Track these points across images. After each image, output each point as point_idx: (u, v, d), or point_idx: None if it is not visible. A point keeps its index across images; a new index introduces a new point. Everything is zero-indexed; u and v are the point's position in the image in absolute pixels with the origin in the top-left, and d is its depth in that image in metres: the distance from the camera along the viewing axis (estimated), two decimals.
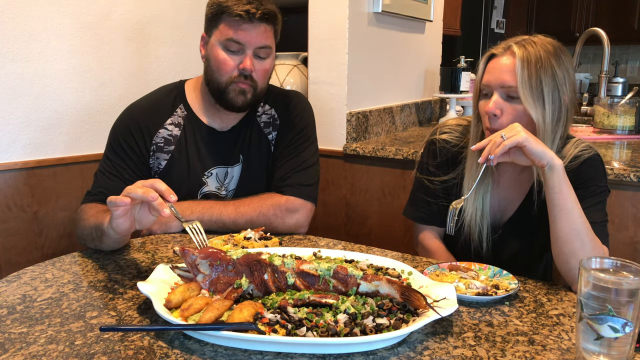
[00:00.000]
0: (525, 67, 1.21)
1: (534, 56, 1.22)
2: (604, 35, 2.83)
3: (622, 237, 1.83)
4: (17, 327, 0.91)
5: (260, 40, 1.38)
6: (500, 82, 1.23)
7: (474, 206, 1.37)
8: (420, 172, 1.50)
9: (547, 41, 1.27)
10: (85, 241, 1.31)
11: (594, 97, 2.91)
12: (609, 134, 2.59)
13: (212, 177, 1.50)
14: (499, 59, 1.25)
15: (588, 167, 1.31)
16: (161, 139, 1.47)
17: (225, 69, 1.39)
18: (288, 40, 2.58)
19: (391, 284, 0.94)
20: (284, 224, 1.43)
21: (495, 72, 1.25)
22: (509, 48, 1.25)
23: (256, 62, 1.40)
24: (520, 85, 1.21)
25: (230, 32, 1.36)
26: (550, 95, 1.22)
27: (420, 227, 1.52)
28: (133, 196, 1.07)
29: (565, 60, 1.26)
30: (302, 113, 1.56)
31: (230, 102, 1.42)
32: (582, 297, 0.80)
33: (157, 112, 1.49)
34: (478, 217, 1.37)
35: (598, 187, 1.29)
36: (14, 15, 1.68)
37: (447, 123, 1.51)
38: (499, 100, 1.24)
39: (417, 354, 0.84)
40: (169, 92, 1.53)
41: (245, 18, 1.34)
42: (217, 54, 1.39)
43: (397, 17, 2.55)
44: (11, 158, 1.73)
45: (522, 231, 1.39)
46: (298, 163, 1.50)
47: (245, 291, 0.97)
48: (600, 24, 3.97)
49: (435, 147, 1.47)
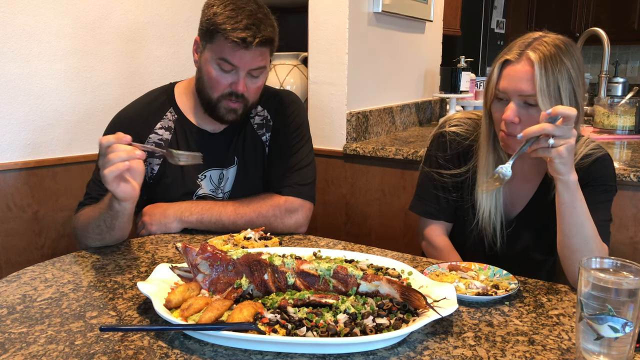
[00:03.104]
0: (543, 74, 1.19)
1: (550, 60, 1.19)
2: (604, 35, 2.83)
3: (622, 237, 1.83)
4: (17, 327, 0.91)
5: (255, 64, 1.35)
6: (518, 90, 1.21)
7: (487, 201, 1.36)
8: (429, 165, 1.47)
9: (558, 39, 1.24)
10: (94, 241, 1.30)
11: (594, 97, 2.91)
12: (609, 134, 2.59)
13: (207, 179, 1.50)
14: (515, 65, 1.22)
15: (599, 166, 1.32)
16: (152, 144, 1.46)
17: (217, 87, 1.37)
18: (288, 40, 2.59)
19: (391, 284, 0.94)
20: (283, 224, 1.43)
21: (512, 80, 1.22)
22: (523, 53, 1.22)
23: (249, 81, 1.37)
24: (539, 94, 1.19)
25: (224, 54, 1.32)
26: (567, 99, 1.21)
27: (426, 221, 1.49)
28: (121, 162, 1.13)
29: (577, 57, 1.24)
30: (295, 113, 1.55)
31: (220, 118, 1.41)
32: (582, 297, 0.80)
33: (146, 117, 1.47)
34: (492, 212, 1.36)
35: (607, 186, 1.31)
36: (14, 15, 1.68)
37: (454, 116, 1.49)
38: (516, 108, 1.22)
39: (417, 354, 0.84)
40: (157, 96, 1.52)
41: (240, 45, 1.30)
42: (209, 71, 1.36)
43: (397, 17, 2.55)
44: (11, 158, 1.73)
45: (533, 225, 1.39)
46: (294, 163, 1.50)
47: (245, 291, 0.97)
48: (600, 24, 3.97)
49: (445, 140, 1.44)
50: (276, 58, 2.52)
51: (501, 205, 1.37)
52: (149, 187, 1.47)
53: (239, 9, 1.32)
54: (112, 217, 1.24)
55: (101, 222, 1.26)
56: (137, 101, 1.53)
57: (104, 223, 1.26)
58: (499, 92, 1.25)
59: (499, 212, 1.37)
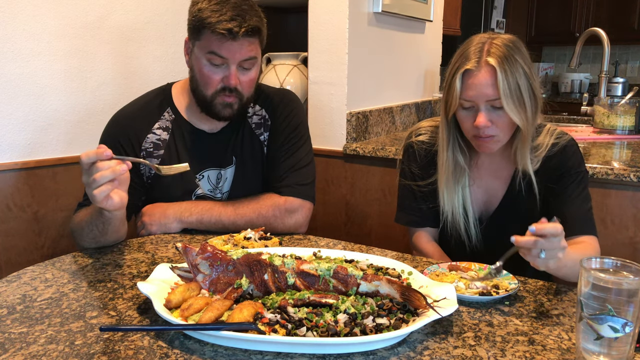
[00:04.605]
0: (504, 77, 1.23)
1: (507, 62, 1.24)
2: (604, 35, 2.83)
3: (622, 237, 1.83)
4: (17, 327, 0.91)
5: (244, 54, 1.34)
6: (485, 96, 1.25)
7: (450, 204, 1.40)
8: (405, 177, 1.51)
9: (506, 39, 1.29)
10: (90, 243, 1.30)
11: (594, 97, 2.91)
12: (609, 134, 2.59)
13: (204, 179, 1.50)
14: (477, 73, 1.25)
15: (568, 155, 1.37)
16: (150, 144, 1.46)
17: (209, 83, 1.37)
18: (288, 40, 2.58)
19: (391, 284, 0.94)
20: (283, 224, 1.43)
21: (477, 88, 1.25)
22: (481, 60, 1.25)
23: (240, 75, 1.37)
24: (503, 97, 1.24)
25: (212, 47, 1.32)
26: (527, 94, 1.26)
27: (413, 230, 1.53)
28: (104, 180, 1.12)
29: (524, 51, 1.30)
30: (293, 112, 1.55)
31: (216, 114, 1.41)
32: (582, 297, 0.80)
33: (144, 117, 1.47)
34: (461, 214, 1.40)
35: (580, 172, 1.36)
36: (14, 15, 1.68)
37: (420, 125, 1.54)
38: (487, 113, 1.27)
39: (417, 354, 0.84)
40: (154, 96, 1.51)
41: (227, 36, 1.30)
42: (200, 67, 1.36)
43: (397, 17, 2.54)
44: (11, 158, 1.73)
45: (511, 219, 1.41)
46: (293, 163, 1.50)
47: (245, 291, 0.97)
48: (600, 24, 3.97)
49: (414, 150, 1.49)
50: (276, 58, 2.52)
51: (470, 205, 1.41)
52: (147, 187, 1.47)
53: (224, 2, 1.33)
54: (103, 223, 1.24)
55: (94, 228, 1.26)
56: (135, 101, 1.53)
57: (97, 228, 1.26)
58: (465, 101, 1.28)
59: (469, 212, 1.40)
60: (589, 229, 1.31)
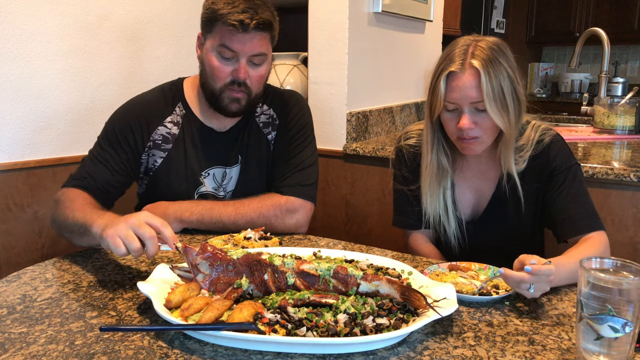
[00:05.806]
0: (488, 80, 1.23)
1: (491, 65, 1.24)
2: (604, 35, 2.83)
3: (622, 237, 1.83)
4: (17, 327, 0.91)
5: (254, 49, 1.35)
6: (469, 98, 1.25)
7: (432, 206, 1.41)
8: (398, 181, 1.52)
9: (490, 42, 1.29)
10: (61, 229, 1.29)
11: (594, 97, 2.91)
12: (609, 134, 2.59)
13: (210, 177, 1.50)
14: (461, 76, 1.26)
15: (556, 150, 1.36)
16: (159, 136, 1.47)
17: (219, 75, 1.38)
18: (288, 40, 2.59)
19: (391, 284, 0.94)
20: (284, 224, 1.43)
21: (461, 91, 1.26)
22: (465, 62, 1.25)
23: (250, 69, 1.38)
24: (486, 100, 1.24)
25: (223, 39, 1.34)
26: (510, 97, 1.26)
27: (409, 232, 1.54)
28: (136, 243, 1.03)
29: (509, 54, 1.30)
30: (300, 113, 1.56)
31: (224, 109, 1.42)
32: (582, 297, 0.80)
33: (159, 109, 1.48)
34: (442, 216, 1.41)
35: (570, 167, 1.35)
36: (14, 15, 1.68)
37: (409, 129, 1.55)
38: (470, 115, 1.27)
39: (417, 354, 0.84)
40: (168, 90, 1.52)
41: (238, 28, 1.31)
42: (210, 60, 1.38)
43: (397, 17, 2.54)
44: (11, 158, 1.73)
45: (499, 221, 1.42)
46: (297, 163, 1.50)
47: (245, 291, 0.97)
48: (600, 24, 3.97)
49: (403, 154, 1.50)
50: (276, 58, 2.52)
51: (452, 206, 1.41)
52: (149, 177, 1.48)
53: None
54: (88, 240, 1.20)
55: (76, 227, 1.22)
56: (150, 92, 1.53)
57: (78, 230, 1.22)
58: (449, 103, 1.28)
59: (450, 213, 1.41)
60: (596, 225, 1.28)
